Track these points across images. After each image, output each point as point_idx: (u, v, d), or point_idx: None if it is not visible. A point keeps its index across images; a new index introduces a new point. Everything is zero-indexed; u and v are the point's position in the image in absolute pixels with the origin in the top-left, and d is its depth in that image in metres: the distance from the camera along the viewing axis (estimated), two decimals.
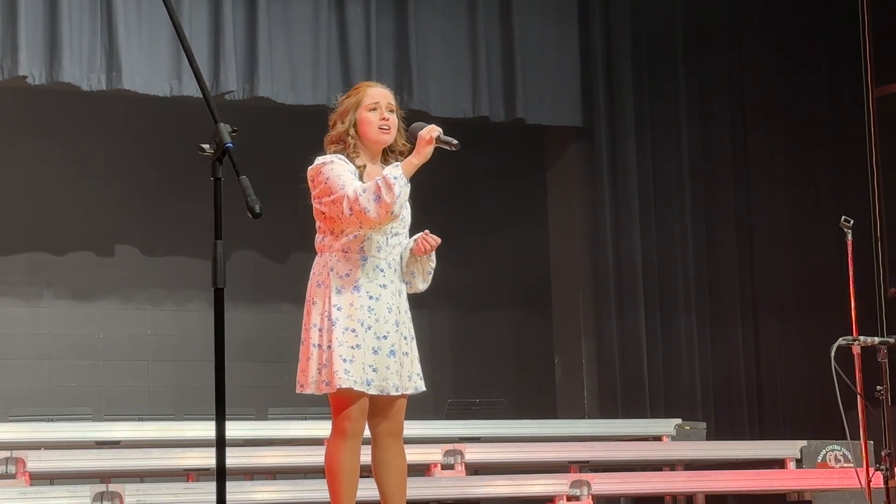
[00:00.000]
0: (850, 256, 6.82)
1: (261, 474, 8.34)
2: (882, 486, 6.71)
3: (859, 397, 6.67)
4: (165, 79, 9.51)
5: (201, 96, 3.67)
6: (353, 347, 4.71)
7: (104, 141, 10.52)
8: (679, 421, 9.56)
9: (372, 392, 4.75)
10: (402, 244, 4.91)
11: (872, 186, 10.11)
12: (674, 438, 9.34)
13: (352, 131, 4.87)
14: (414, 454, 6.34)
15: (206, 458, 7.40)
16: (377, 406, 4.81)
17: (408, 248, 4.91)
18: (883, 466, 6.65)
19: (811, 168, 11.80)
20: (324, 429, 5.36)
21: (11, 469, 7.08)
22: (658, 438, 9.37)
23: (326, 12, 10.06)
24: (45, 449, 7.66)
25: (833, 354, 6.46)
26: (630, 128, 11.15)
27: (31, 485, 7.14)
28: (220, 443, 3.54)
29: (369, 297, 4.77)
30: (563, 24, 11.01)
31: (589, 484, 7.93)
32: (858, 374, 6.69)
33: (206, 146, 3.60)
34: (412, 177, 4.72)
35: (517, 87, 10.65)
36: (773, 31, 11.77)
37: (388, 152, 4.93)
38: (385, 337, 4.78)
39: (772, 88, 11.74)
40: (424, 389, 4.92)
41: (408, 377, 4.85)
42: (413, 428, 6.44)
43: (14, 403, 9.72)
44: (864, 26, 9.88)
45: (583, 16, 11.10)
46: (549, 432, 9.20)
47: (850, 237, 6.80)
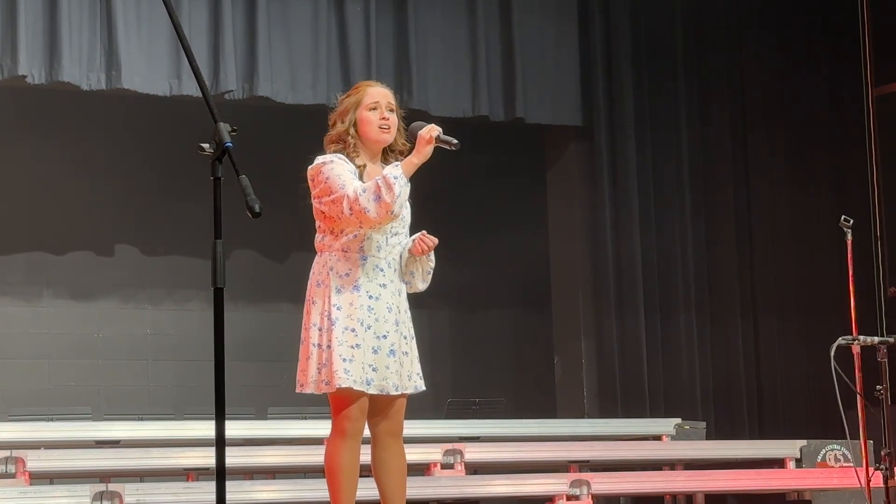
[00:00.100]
0: (849, 256, 6.81)
1: (260, 474, 8.33)
2: (882, 485, 6.70)
3: (859, 397, 6.66)
4: (165, 78, 9.51)
5: (201, 96, 3.67)
6: (352, 347, 4.71)
7: (104, 140, 10.51)
8: (679, 420, 9.56)
9: (372, 391, 4.74)
10: (401, 244, 4.91)
11: (872, 186, 10.12)
12: (673, 438, 9.34)
13: (352, 131, 4.87)
14: (414, 454, 6.33)
15: (206, 458, 7.40)
16: (377, 405, 4.81)
17: (406, 249, 4.91)
18: (882, 466, 6.64)
19: (811, 168, 11.79)
20: (323, 428, 5.36)
21: (11, 468, 7.08)
22: (658, 438, 9.37)
23: (326, 12, 10.06)
24: (45, 448, 7.65)
25: (833, 354, 6.46)
26: (630, 127, 11.15)
27: (31, 484, 7.13)
28: (220, 442, 3.54)
29: (369, 297, 4.77)
30: (562, 23, 11.01)
31: (588, 483, 7.93)
32: (858, 374, 6.69)
33: (206, 146, 3.60)
34: (412, 176, 4.72)
35: (517, 87, 10.64)
36: (773, 31, 11.76)
37: (388, 152, 4.93)
38: (385, 336, 4.77)
39: (772, 88, 11.73)
40: (424, 389, 4.92)
41: (407, 377, 4.84)
42: (413, 427, 6.43)
43: (14, 403, 9.71)
44: (864, 26, 9.88)
45: (583, 15, 11.10)
46: (548, 432, 9.20)
47: (849, 237, 6.80)
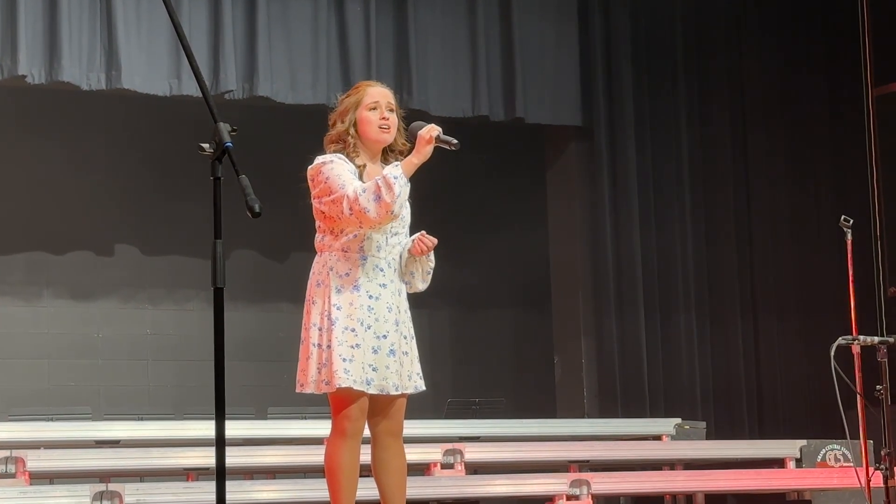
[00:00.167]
0: (849, 256, 6.81)
1: (260, 474, 8.33)
2: (882, 485, 6.70)
3: (859, 397, 6.66)
4: (165, 78, 9.51)
5: (201, 95, 3.67)
6: (352, 347, 4.71)
7: (104, 140, 10.51)
8: (679, 420, 9.56)
9: (372, 391, 4.74)
10: (401, 244, 4.91)
11: (872, 186, 10.11)
12: (673, 438, 9.34)
13: (352, 130, 4.87)
14: (414, 453, 6.33)
15: (206, 458, 7.40)
16: (377, 405, 4.81)
17: (406, 249, 4.91)
18: (882, 466, 6.64)
19: (811, 168, 11.80)
20: (323, 428, 5.36)
21: (11, 468, 7.07)
22: (658, 438, 9.37)
23: (326, 11, 10.06)
24: (45, 448, 7.65)
25: (833, 354, 6.45)
26: (630, 127, 11.15)
27: (31, 484, 7.13)
28: (220, 442, 3.54)
29: (369, 297, 4.77)
30: (562, 23, 11.01)
31: (588, 483, 7.93)
32: (858, 374, 6.68)
33: (206, 145, 3.60)
34: (412, 176, 4.72)
35: (517, 87, 10.64)
36: (773, 31, 11.76)
37: (387, 152, 4.93)
38: (385, 336, 4.77)
39: (772, 88, 11.73)
40: (424, 389, 4.92)
41: (407, 376, 4.84)
42: (413, 427, 6.43)
43: (14, 403, 9.71)
44: (864, 26, 9.88)
45: (582, 15, 11.10)
46: (548, 432, 9.20)
47: (849, 236, 6.80)
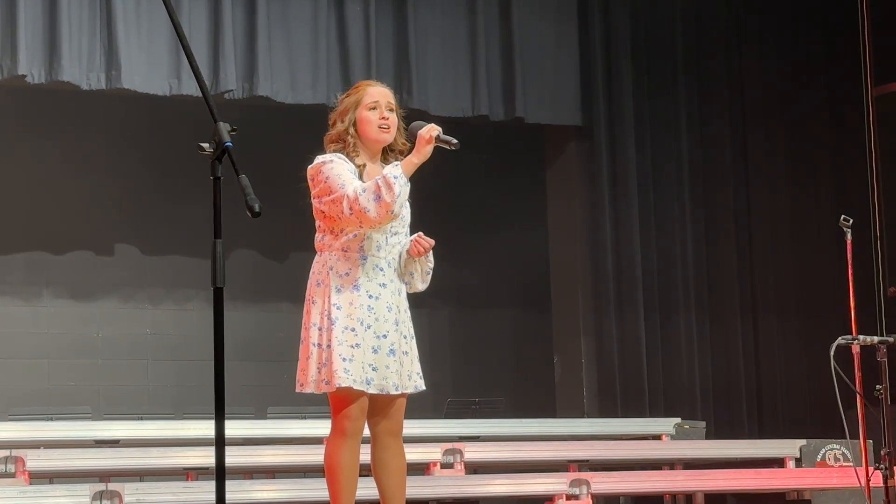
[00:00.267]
0: (849, 256, 6.81)
1: (260, 473, 8.33)
2: (881, 485, 6.70)
3: (859, 396, 6.66)
4: (165, 78, 9.50)
5: (201, 95, 3.67)
6: (352, 346, 4.71)
7: (103, 140, 10.50)
8: (678, 420, 9.56)
9: (371, 391, 4.74)
10: (401, 243, 4.91)
11: (872, 186, 10.11)
12: (673, 437, 9.33)
13: (351, 130, 4.87)
14: (413, 453, 6.32)
15: (206, 457, 7.40)
16: (377, 405, 4.81)
17: (404, 250, 4.91)
18: (882, 465, 6.64)
19: (811, 167, 11.79)
20: (323, 428, 5.36)
21: (11, 468, 7.07)
22: (657, 437, 9.37)
23: (326, 11, 10.06)
24: (45, 448, 7.65)
25: (832, 353, 6.46)
26: (630, 127, 11.15)
27: (31, 484, 7.12)
28: (220, 442, 3.54)
29: (369, 297, 4.77)
30: (562, 23, 11.01)
31: (588, 483, 7.93)
32: (858, 374, 6.69)
33: (206, 145, 3.59)
34: (412, 176, 4.72)
35: (517, 87, 10.64)
36: (773, 30, 11.76)
37: (387, 151, 4.93)
38: (385, 336, 4.77)
39: (772, 88, 11.73)
40: (424, 388, 4.92)
41: (407, 376, 4.84)
42: (412, 427, 6.43)
43: (13, 402, 9.71)
44: (864, 26, 9.88)
45: (582, 15, 11.10)
46: (548, 431, 9.20)
47: (849, 236, 6.80)
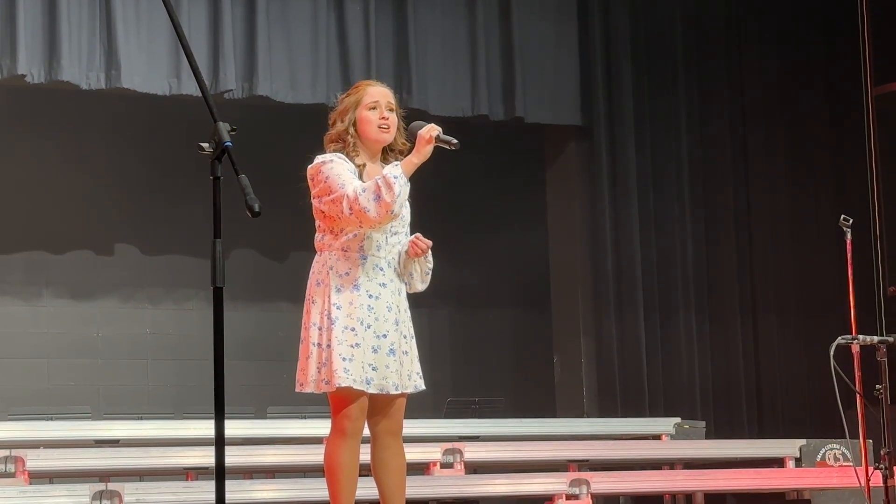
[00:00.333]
0: (849, 255, 6.81)
1: (260, 473, 8.33)
2: (881, 485, 6.70)
3: (858, 396, 6.66)
4: (164, 77, 9.50)
5: (200, 95, 3.67)
6: (352, 346, 4.71)
7: (103, 140, 10.50)
8: (678, 420, 9.56)
9: (371, 391, 4.74)
10: (401, 243, 4.90)
11: (872, 185, 10.11)
12: (673, 437, 9.33)
13: (351, 130, 4.87)
14: (413, 453, 6.32)
15: (206, 457, 7.40)
16: (377, 405, 4.81)
17: (403, 250, 4.90)
18: (882, 465, 6.64)
19: (811, 167, 11.79)
20: (323, 427, 5.36)
21: (10, 468, 7.07)
22: (657, 437, 9.36)
23: (325, 11, 10.06)
24: (45, 448, 7.64)
25: (832, 353, 6.46)
26: (629, 127, 11.15)
27: (31, 483, 7.12)
28: (220, 441, 3.54)
29: (369, 296, 4.77)
30: (562, 22, 11.00)
31: (588, 483, 7.92)
32: (857, 373, 6.69)
33: (206, 145, 3.59)
34: (412, 175, 4.72)
35: (516, 86, 10.64)
36: (773, 30, 11.76)
37: (387, 151, 4.93)
38: (385, 336, 4.77)
39: (772, 88, 11.73)
40: (424, 388, 4.91)
41: (407, 376, 4.84)
42: (412, 427, 6.43)
43: (13, 402, 9.71)
44: (864, 26, 9.88)
45: (582, 15, 11.10)
46: (548, 431, 9.19)
47: (849, 236, 6.80)
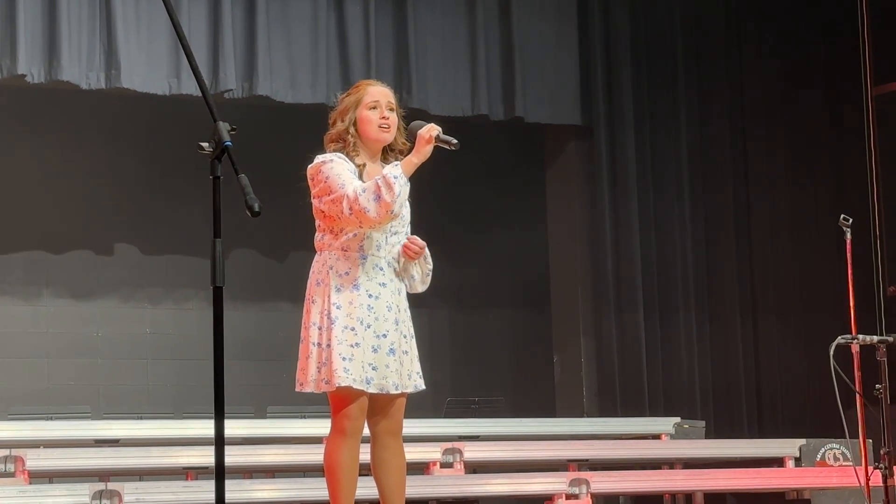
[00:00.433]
0: (848, 255, 6.82)
1: (260, 473, 8.33)
2: (881, 484, 6.70)
3: (858, 396, 6.66)
4: (164, 77, 9.50)
5: (200, 95, 3.67)
6: (352, 346, 4.71)
7: (103, 140, 10.50)
8: (678, 419, 9.56)
9: (371, 390, 4.74)
10: (401, 243, 4.90)
11: (872, 185, 10.11)
12: (673, 437, 9.33)
13: (352, 130, 4.86)
14: (413, 453, 6.32)
15: (205, 457, 7.40)
16: (376, 404, 4.81)
17: (400, 253, 4.90)
18: (882, 465, 6.64)
19: (811, 167, 11.79)
20: (323, 427, 5.36)
21: (10, 467, 7.07)
22: (657, 437, 9.37)
23: (325, 11, 10.06)
24: (44, 447, 7.65)
25: (832, 353, 6.46)
26: (629, 126, 11.15)
27: (30, 483, 7.12)
28: (219, 441, 3.54)
29: (369, 296, 4.77)
30: (562, 22, 11.01)
31: (588, 482, 7.92)
32: (857, 373, 6.69)
33: (206, 144, 3.59)
34: (412, 175, 4.72)
35: (516, 86, 10.64)
36: (773, 30, 11.76)
37: (387, 151, 4.93)
38: (384, 335, 4.77)
39: (771, 88, 11.73)
40: (424, 388, 4.91)
41: (407, 375, 4.84)
42: (412, 426, 6.43)
43: (13, 402, 9.71)
44: (864, 26, 9.88)
45: (582, 14, 11.10)
46: (548, 431, 9.20)
47: (848, 236, 6.80)
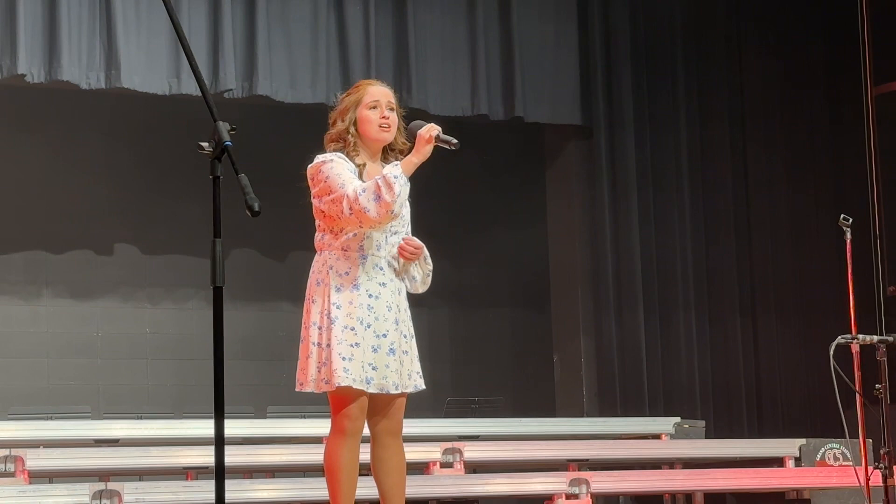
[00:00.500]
0: (848, 255, 6.81)
1: (260, 473, 8.33)
2: (881, 484, 6.70)
3: (858, 396, 6.66)
4: (164, 77, 9.50)
5: (200, 94, 3.67)
6: (352, 346, 4.71)
7: (103, 139, 10.51)
8: (678, 419, 9.56)
9: (371, 390, 4.74)
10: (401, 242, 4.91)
11: (871, 185, 10.12)
12: (673, 437, 9.33)
13: (352, 129, 4.86)
14: (413, 452, 6.32)
15: (205, 457, 7.40)
16: (376, 404, 4.81)
17: (398, 255, 4.90)
18: (881, 465, 6.64)
19: (810, 167, 11.80)
20: (323, 427, 5.36)
21: (10, 467, 7.07)
22: (657, 437, 9.36)
23: (325, 11, 10.06)
24: (44, 447, 7.64)
25: (832, 353, 6.46)
26: (629, 126, 11.15)
27: (30, 483, 7.12)
28: (219, 441, 3.54)
29: (369, 296, 4.77)
30: (562, 22, 11.01)
31: (588, 482, 7.92)
32: (857, 373, 6.69)
33: (205, 144, 3.59)
34: (412, 175, 4.72)
35: (516, 86, 10.64)
36: (773, 29, 11.77)
37: (387, 151, 4.93)
38: (384, 335, 4.77)
39: (771, 88, 11.73)
40: (424, 388, 4.91)
41: (407, 375, 4.84)
42: (412, 426, 6.44)
43: (13, 402, 9.70)
44: (864, 25, 9.89)
45: (582, 14, 11.10)
46: (547, 430, 9.19)
47: (848, 235, 6.80)
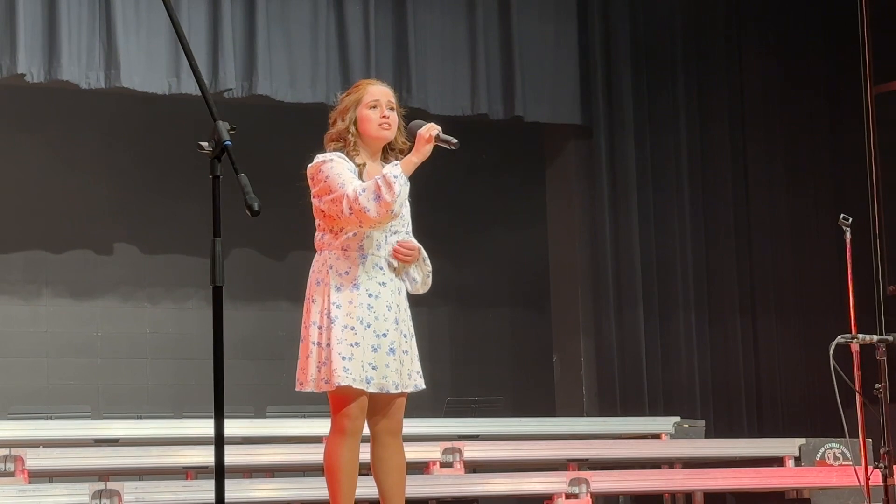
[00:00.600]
0: (848, 254, 6.82)
1: (259, 472, 8.33)
2: (880, 484, 6.70)
3: (858, 395, 6.66)
4: (164, 77, 9.50)
5: (200, 94, 3.67)
6: (352, 345, 4.71)
7: (102, 139, 10.51)
8: (678, 419, 9.56)
9: (371, 390, 4.74)
10: None
11: (871, 185, 10.12)
12: (672, 436, 9.33)
13: (352, 129, 4.86)
14: (413, 452, 6.32)
15: (205, 456, 7.40)
16: (376, 404, 4.81)
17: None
18: (881, 464, 6.64)
19: (810, 167, 11.80)
20: (323, 427, 5.36)
21: (10, 467, 7.07)
22: (657, 436, 9.37)
23: (325, 10, 10.06)
24: (44, 447, 7.65)
25: (832, 352, 6.46)
26: (629, 126, 11.15)
27: (30, 483, 7.12)
28: (219, 441, 3.54)
29: (369, 295, 4.77)
30: (561, 21, 11.01)
31: (588, 482, 7.93)
32: (857, 372, 6.69)
33: (205, 144, 3.59)
34: (412, 175, 4.72)
35: (516, 85, 10.64)
36: (773, 29, 11.77)
37: (387, 150, 4.93)
38: (384, 335, 4.77)
39: (771, 87, 11.73)
40: (424, 387, 4.91)
41: (407, 375, 4.84)
42: (412, 426, 6.43)
43: (13, 401, 9.71)
44: (864, 25, 9.89)
45: (582, 14, 11.10)
46: (547, 430, 9.20)
47: (848, 235, 6.80)
